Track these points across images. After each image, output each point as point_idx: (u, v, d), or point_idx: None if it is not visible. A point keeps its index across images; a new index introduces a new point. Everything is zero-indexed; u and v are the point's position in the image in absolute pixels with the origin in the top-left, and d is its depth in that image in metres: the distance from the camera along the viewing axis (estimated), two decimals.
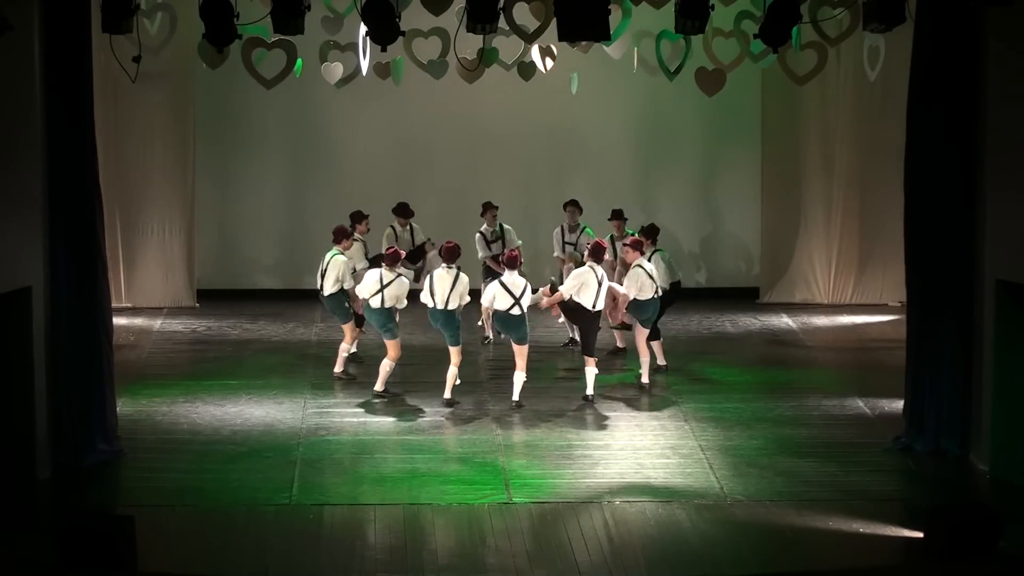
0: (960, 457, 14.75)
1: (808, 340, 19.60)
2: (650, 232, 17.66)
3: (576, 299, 16.28)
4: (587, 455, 14.89)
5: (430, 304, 16.23)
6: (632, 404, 16.51)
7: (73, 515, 12.18)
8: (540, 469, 14.49)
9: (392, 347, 16.55)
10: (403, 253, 17.11)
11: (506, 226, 18.91)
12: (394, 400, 16.45)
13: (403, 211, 18.94)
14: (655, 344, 17.37)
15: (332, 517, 13.23)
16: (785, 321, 20.48)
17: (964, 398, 14.72)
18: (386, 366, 16.51)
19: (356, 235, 18.01)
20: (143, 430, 15.46)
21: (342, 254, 17.29)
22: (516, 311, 16.09)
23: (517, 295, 16.07)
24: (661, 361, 17.48)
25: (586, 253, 16.57)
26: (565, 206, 19.06)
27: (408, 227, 18.95)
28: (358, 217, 18.28)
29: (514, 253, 16.51)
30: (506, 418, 16.00)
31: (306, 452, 14.87)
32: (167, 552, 12.29)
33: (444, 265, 16.29)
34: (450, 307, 16.15)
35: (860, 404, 16.50)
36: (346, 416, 16.05)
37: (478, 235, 18.87)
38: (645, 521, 13.15)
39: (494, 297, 16.16)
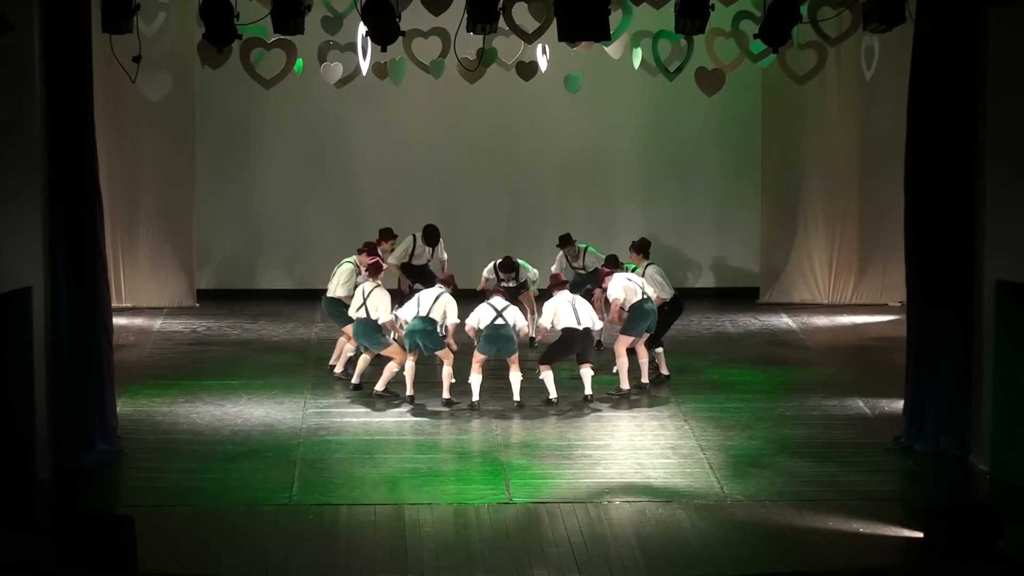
0: (960, 457, 14.75)
1: (808, 340, 19.60)
2: (641, 247, 17.63)
3: (559, 326, 16.41)
4: (587, 455, 14.89)
5: (413, 314, 16.26)
6: (632, 404, 16.51)
7: (73, 515, 12.19)
8: (540, 469, 14.49)
9: (392, 353, 16.54)
10: (385, 265, 17.05)
11: (521, 263, 18.56)
12: (394, 400, 16.45)
13: (430, 237, 18.68)
14: (659, 351, 17.31)
15: (332, 517, 13.23)
16: (785, 321, 20.48)
17: (964, 398, 14.72)
18: (391, 367, 16.52)
19: (379, 251, 17.78)
20: (143, 430, 15.46)
21: (354, 264, 17.29)
22: (500, 321, 16.13)
23: (500, 308, 16.17)
24: (662, 370, 17.39)
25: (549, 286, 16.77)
26: (559, 246, 18.76)
27: (431, 249, 18.84)
28: (387, 235, 18.11)
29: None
30: (506, 418, 16.01)
31: (306, 452, 14.87)
32: (167, 552, 12.29)
33: (439, 285, 16.49)
34: (432, 316, 16.18)
35: (860, 404, 16.50)
36: (346, 416, 16.05)
37: (491, 265, 18.55)
38: (645, 521, 13.15)
39: (479, 316, 16.28)
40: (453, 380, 16.32)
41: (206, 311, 20.56)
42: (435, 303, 16.24)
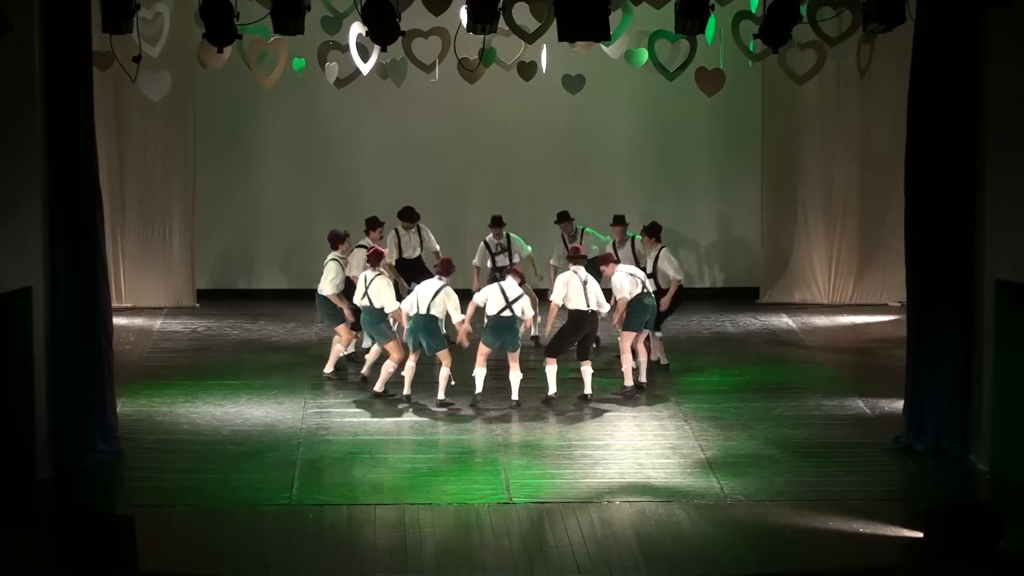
0: (960, 457, 14.75)
1: (808, 340, 19.60)
2: (652, 231, 17.65)
3: (569, 306, 16.31)
4: (587, 455, 14.89)
5: (413, 311, 16.24)
6: (632, 404, 16.51)
7: (73, 515, 12.19)
8: (540, 469, 14.49)
9: (392, 349, 16.54)
10: (385, 251, 17.10)
11: (513, 236, 18.68)
12: (394, 400, 16.45)
13: (408, 215, 18.76)
14: (658, 336, 17.33)
15: (332, 517, 13.23)
16: (785, 321, 20.48)
17: (964, 398, 14.73)
18: (388, 367, 16.50)
19: (366, 241, 17.82)
20: (143, 430, 15.46)
21: (337, 259, 17.32)
22: (507, 313, 16.11)
23: (511, 299, 16.10)
24: (661, 359, 17.38)
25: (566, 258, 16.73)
26: (557, 223, 18.81)
27: (416, 230, 18.84)
28: (373, 224, 18.08)
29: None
30: (506, 418, 16.01)
31: (306, 452, 14.88)
32: (167, 552, 12.30)
33: (437, 276, 16.37)
34: (432, 312, 16.14)
35: (860, 404, 16.50)
36: (346, 416, 16.05)
37: (482, 244, 18.71)
38: (645, 521, 13.15)
39: (487, 298, 16.20)
40: (453, 382, 16.28)
41: (206, 311, 20.56)
42: (434, 298, 16.18)
